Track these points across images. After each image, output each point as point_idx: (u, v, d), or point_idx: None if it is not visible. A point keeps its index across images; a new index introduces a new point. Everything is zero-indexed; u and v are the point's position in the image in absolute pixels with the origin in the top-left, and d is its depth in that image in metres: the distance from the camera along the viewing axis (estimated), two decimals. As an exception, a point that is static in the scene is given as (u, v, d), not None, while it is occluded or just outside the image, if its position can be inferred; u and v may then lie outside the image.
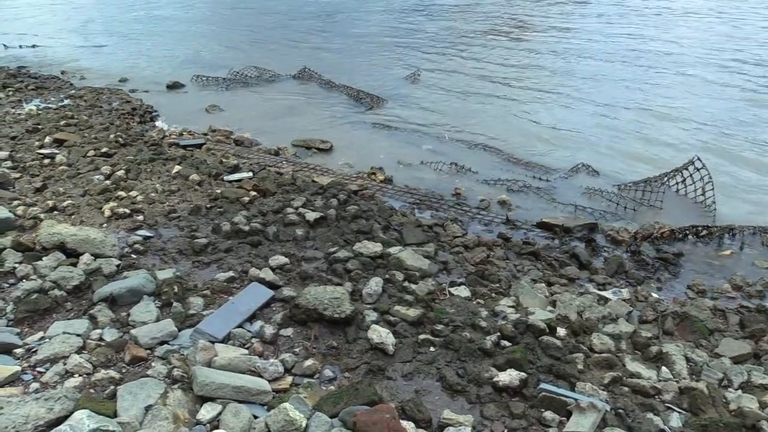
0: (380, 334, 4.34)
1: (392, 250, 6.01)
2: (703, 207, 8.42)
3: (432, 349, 4.37)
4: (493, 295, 5.47)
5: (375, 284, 5.17)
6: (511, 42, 20.94)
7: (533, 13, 27.98)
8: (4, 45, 21.28)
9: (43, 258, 5.38)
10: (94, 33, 24.96)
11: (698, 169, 8.51)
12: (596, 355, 4.47)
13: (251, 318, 4.67)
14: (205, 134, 11.21)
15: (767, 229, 7.53)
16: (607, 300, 5.62)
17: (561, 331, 4.70)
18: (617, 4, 28.60)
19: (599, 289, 5.96)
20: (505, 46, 20.14)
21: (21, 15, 31.16)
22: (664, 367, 4.41)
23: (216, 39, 23.21)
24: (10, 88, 14.00)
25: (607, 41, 20.11)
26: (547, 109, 12.97)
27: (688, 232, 7.55)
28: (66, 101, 13.20)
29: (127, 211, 6.75)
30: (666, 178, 8.92)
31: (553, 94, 14.13)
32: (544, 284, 5.87)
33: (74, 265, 5.28)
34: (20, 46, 21.25)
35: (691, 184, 8.67)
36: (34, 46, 21.31)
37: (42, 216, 6.50)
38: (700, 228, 7.60)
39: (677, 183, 8.85)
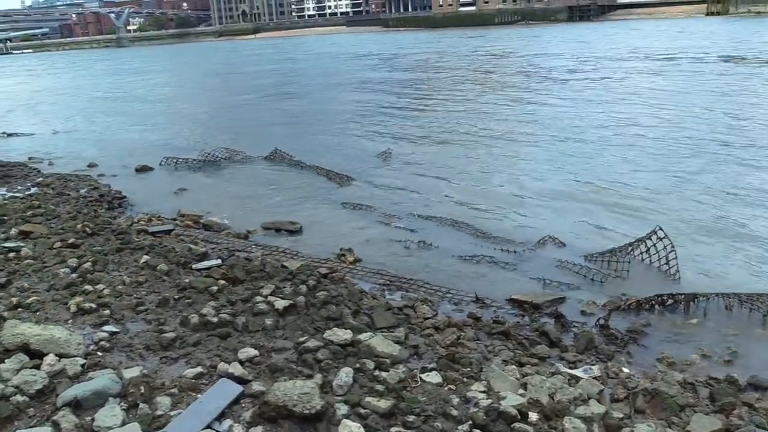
0: (351, 430, 4.29)
1: (362, 336, 5.99)
2: (667, 275, 8.58)
3: (404, 442, 4.33)
4: (465, 379, 5.45)
5: (345, 375, 5.13)
6: (478, 108, 21.61)
7: (496, 73, 28.96)
8: None
9: (6, 360, 5.24)
10: (61, 117, 25.14)
11: (660, 239, 8.72)
12: (569, 440, 4.46)
13: (220, 417, 4.58)
14: (174, 219, 11.23)
15: (729, 295, 7.67)
16: (578, 379, 5.63)
17: (533, 416, 4.69)
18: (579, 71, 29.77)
19: (570, 368, 5.98)
20: (472, 112, 20.77)
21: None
22: (636, 450, 4.41)
23: (185, 120, 23.56)
24: (-25, 179, 13.96)
25: (577, 107, 20.80)
26: (515, 185, 13.25)
27: (654, 302, 7.66)
28: (33, 189, 13.17)
29: (94, 305, 6.66)
30: (630, 249, 9.11)
31: (520, 164, 14.53)
32: (515, 365, 5.87)
33: (38, 367, 5.15)
34: None
35: (654, 254, 8.86)
36: (4, 134, 21.36)
37: (5, 314, 6.37)
38: (665, 297, 7.72)
39: (641, 253, 9.03)
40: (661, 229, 8.76)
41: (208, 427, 4.43)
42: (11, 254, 8.54)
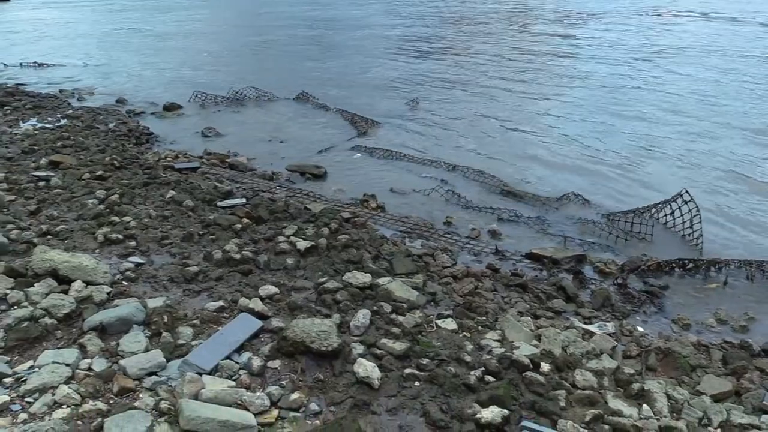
0: (366, 368, 4.40)
1: (381, 280, 6.08)
2: (690, 240, 8.52)
3: (417, 383, 4.43)
4: (480, 328, 5.54)
5: (363, 316, 5.24)
6: (515, 63, 21.23)
7: (536, 30, 28.36)
8: (4, 64, 21.43)
9: (35, 284, 5.42)
10: (92, 51, 25.17)
11: (686, 202, 8.62)
12: (579, 391, 4.54)
13: (239, 349, 4.73)
14: (201, 157, 11.32)
15: (752, 263, 7.63)
16: (592, 334, 5.69)
17: (545, 367, 4.77)
18: (621, 28, 28.98)
19: (585, 323, 6.03)
20: (506, 67, 20.42)
21: (16, 31, 31.41)
22: (645, 405, 4.47)
23: (215, 58, 23.45)
24: (7, 107, 14.12)
25: (610, 67, 20.31)
26: (543, 139, 13.11)
27: (674, 265, 7.64)
28: (63, 121, 13.31)
29: (120, 236, 6.82)
30: (654, 210, 9.04)
31: (549, 120, 14.33)
32: (530, 317, 5.94)
33: (65, 292, 5.33)
34: (21, 65, 21.41)
35: (679, 217, 8.78)
36: (36, 64, 21.47)
37: (35, 240, 6.56)
38: (686, 261, 7.70)
39: (665, 215, 8.96)
40: (687, 192, 8.66)
41: (228, 357, 4.57)
42: (41, 183, 8.71)
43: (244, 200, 8.62)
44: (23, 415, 3.81)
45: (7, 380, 4.15)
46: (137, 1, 48.80)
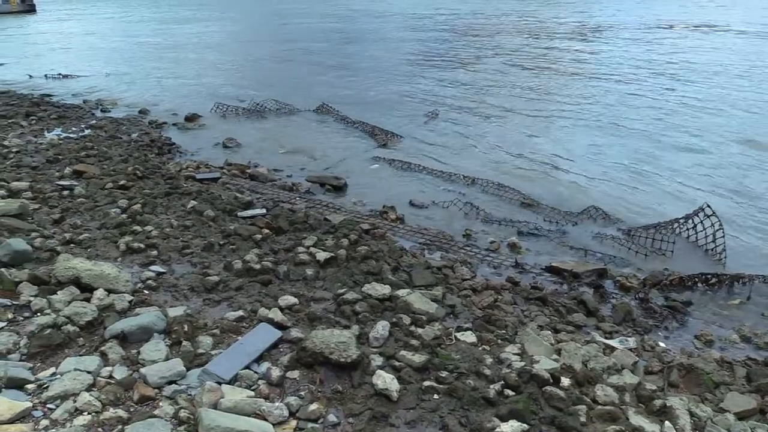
0: (385, 380, 4.39)
1: (400, 292, 6.07)
2: (713, 254, 8.42)
3: (436, 396, 4.41)
4: (499, 341, 5.50)
5: (382, 328, 5.23)
6: (532, 75, 21.20)
7: (555, 44, 28.32)
8: (29, 75, 21.81)
9: (58, 292, 5.48)
10: (115, 62, 25.55)
11: (708, 216, 8.54)
12: (599, 407, 4.48)
13: (259, 359, 4.73)
14: (222, 168, 11.41)
15: (777, 279, 7.52)
16: (613, 349, 5.63)
17: (565, 381, 4.72)
18: (641, 43, 28.87)
19: (606, 338, 5.97)
20: (525, 78, 20.41)
21: (41, 42, 31.93)
22: (667, 422, 4.41)
23: (235, 69, 23.71)
24: (33, 117, 14.35)
25: (630, 84, 20.17)
26: (562, 152, 13.05)
27: (697, 279, 7.55)
28: (87, 131, 13.49)
29: (142, 245, 6.88)
30: (676, 225, 8.96)
31: (568, 135, 14.27)
32: (550, 331, 5.89)
33: (88, 300, 5.38)
34: (46, 76, 21.77)
35: (701, 231, 8.69)
36: (60, 75, 21.83)
37: (59, 249, 6.63)
38: (709, 276, 7.61)
39: (687, 230, 8.87)
40: (708, 206, 8.58)
41: (247, 367, 4.58)
42: (65, 192, 8.83)
43: (264, 211, 8.66)
44: (45, 422, 3.84)
45: (29, 386, 4.19)
46: (157, 14, 49.54)
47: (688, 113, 16.04)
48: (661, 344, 6.07)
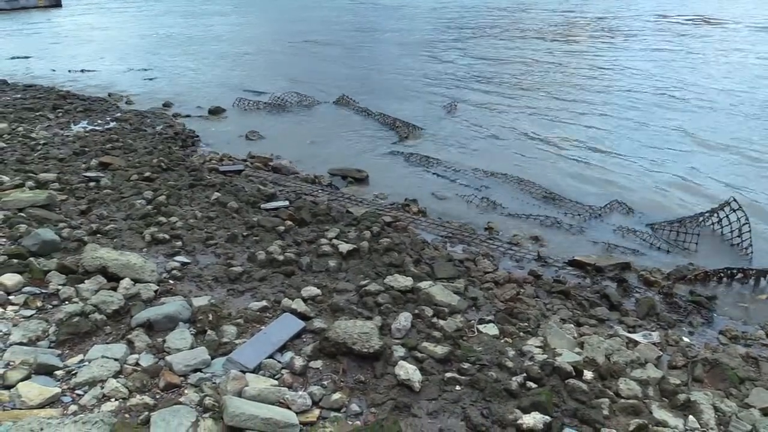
0: (407, 371, 4.41)
1: (423, 284, 6.09)
2: (739, 249, 8.32)
3: (458, 387, 4.42)
4: (522, 334, 5.50)
5: (404, 319, 5.25)
6: (552, 72, 21.02)
7: (579, 40, 28.05)
8: (52, 69, 22.08)
9: (85, 281, 5.58)
10: (138, 55, 25.78)
11: (734, 210, 8.43)
12: (622, 400, 4.46)
13: (282, 348, 4.78)
14: (245, 160, 11.48)
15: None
16: (636, 343, 5.60)
17: (588, 375, 4.71)
18: (664, 33, 28.50)
19: (629, 332, 5.93)
20: (546, 74, 20.25)
21: (65, 35, 32.30)
22: (691, 416, 4.38)
23: (256, 63, 23.80)
24: (59, 110, 14.54)
25: (652, 78, 19.93)
26: (583, 145, 12.96)
27: (722, 274, 7.47)
28: (112, 124, 13.64)
29: (167, 236, 6.97)
30: (701, 219, 8.86)
31: (591, 130, 14.13)
32: (573, 325, 5.88)
33: (114, 289, 5.47)
34: (69, 71, 22.03)
35: (727, 225, 8.59)
36: (82, 71, 22.08)
37: (86, 239, 6.74)
38: (735, 270, 7.52)
39: (713, 224, 8.77)
40: (735, 200, 8.47)
41: (271, 357, 4.63)
42: (91, 183, 8.95)
43: (287, 203, 8.71)
44: (73, 407, 3.91)
45: (58, 373, 4.28)
46: (179, 7, 49.86)
47: (722, 111, 15.76)
48: (686, 339, 6.02)
